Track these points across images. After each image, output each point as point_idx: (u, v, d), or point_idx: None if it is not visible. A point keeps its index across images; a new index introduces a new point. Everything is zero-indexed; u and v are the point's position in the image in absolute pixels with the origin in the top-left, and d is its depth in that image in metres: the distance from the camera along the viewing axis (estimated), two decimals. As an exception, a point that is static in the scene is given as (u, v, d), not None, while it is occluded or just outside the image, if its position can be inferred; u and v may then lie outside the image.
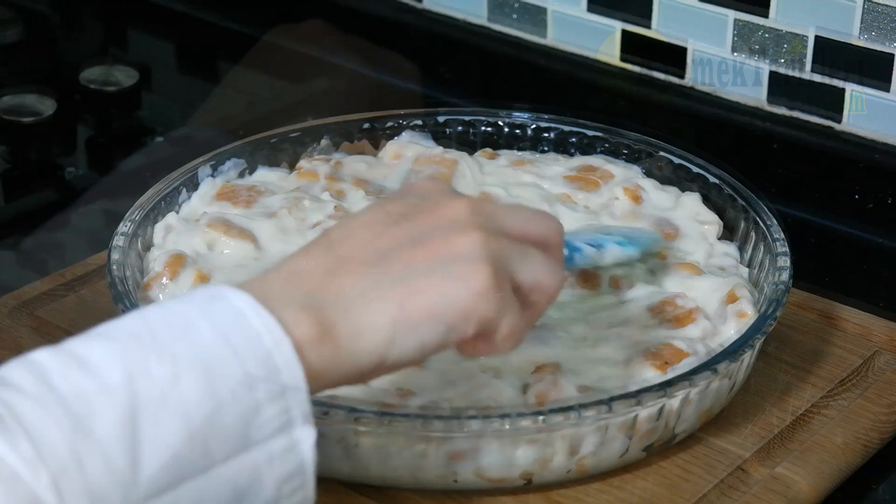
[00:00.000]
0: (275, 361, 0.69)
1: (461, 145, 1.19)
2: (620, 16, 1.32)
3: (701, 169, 1.12)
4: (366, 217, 0.77)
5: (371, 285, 0.73)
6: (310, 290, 0.72)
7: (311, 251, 0.76)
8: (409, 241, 0.75)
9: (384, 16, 1.47)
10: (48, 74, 1.44)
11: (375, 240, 0.75)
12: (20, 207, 1.25)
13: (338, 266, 0.74)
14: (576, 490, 0.90)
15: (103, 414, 0.64)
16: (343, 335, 0.72)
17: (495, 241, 0.76)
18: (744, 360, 0.94)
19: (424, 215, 0.76)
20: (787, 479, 0.91)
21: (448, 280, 0.74)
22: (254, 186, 1.12)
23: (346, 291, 0.73)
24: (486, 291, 0.74)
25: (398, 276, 0.73)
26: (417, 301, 0.73)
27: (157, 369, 0.66)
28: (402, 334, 0.73)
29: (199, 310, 0.70)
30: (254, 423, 0.68)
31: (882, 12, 1.17)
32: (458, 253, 0.74)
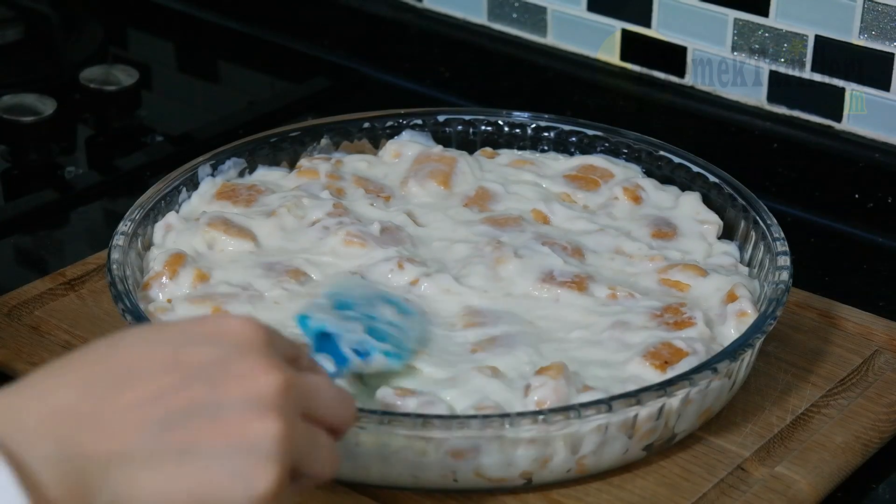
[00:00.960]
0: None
1: (461, 145, 1.19)
2: (620, 15, 1.32)
3: (701, 168, 1.12)
4: (161, 354, 0.67)
5: (142, 456, 0.64)
6: (71, 445, 0.63)
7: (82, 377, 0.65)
8: (203, 409, 0.66)
9: (384, 15, 1.47)
10: (48, 74, 1.44)
11: (167, 395, 0.65)
12: (20, 207, 1.25)
13: (110, 419, 0.64)
14: (576, 489, 0.90)
15: None
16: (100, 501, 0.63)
17: (294, 432, 0.68)
18: (744, 359, 0.94)
19: (229, 383, 0.67)
20: (787, 479, 0.91)
21: (231, 476, 0.65)
22: (254, 185, 1.12)
23: (111, 458, 0.64)
24: (267, 497, 0.66)
25: (179, 451, 0.65)
26: (186, 488, 0.65)
27: None
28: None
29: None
30: None
31: (882, 12, 1.17)
32: (252, 444, 0.66)
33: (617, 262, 1.05)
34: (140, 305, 0.96)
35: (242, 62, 1.56)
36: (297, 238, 1.05)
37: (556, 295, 1.00)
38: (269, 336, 0.70)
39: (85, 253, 1.14)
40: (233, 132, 1.31)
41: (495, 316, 0.98)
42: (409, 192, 1.13)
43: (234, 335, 0.69)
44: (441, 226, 1.09)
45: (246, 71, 1.55)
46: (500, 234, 1.06)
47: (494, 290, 1.01)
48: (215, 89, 1.55)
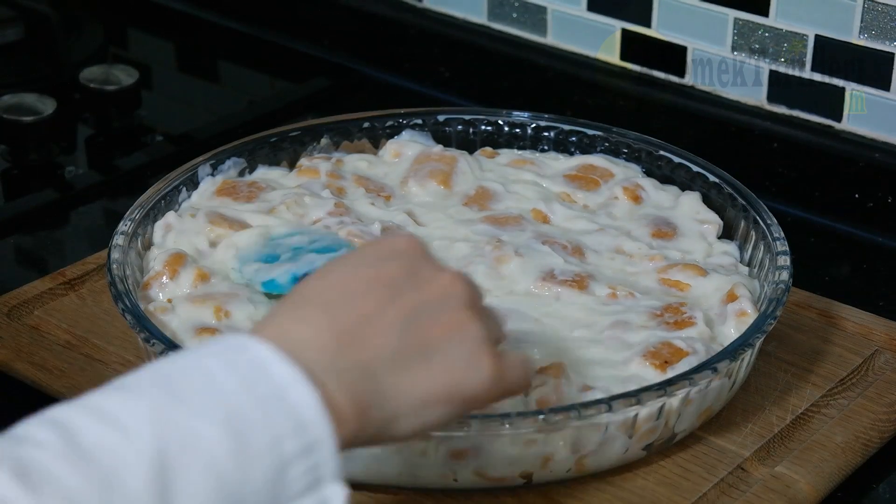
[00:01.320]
0: (302, 416, 0.67)
1: (461, 144, 1.19)
2: (620, 15, 1.32)
3: (701, 168, 1.12)
4: (364, 274, 0.75)
5: (395, 359, 0.72)
6: (333, 354, 0.71)
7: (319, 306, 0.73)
8: (420, 312, 0.74)
9: (384, 15, 1.47)
10: (48, 74, 1.44)
11: (390, 305, 0.73)
12: (20, 206, 1.25)
13: (361, 331, 0.72)
14: (576, 489, 0.90)
15: (132, 468, 0.62)
16: (368, 403, 0.71)
17: (487, 315, 0.77)
18: (744, 359, 0.94)
19: (428, 286, 0.75)
20: (787, 479, 0.91)
21: (466, 364, 0.74)
22: (255, 182, 1.12)
23: (372, 362, 0.72)
24: (497, 377, 0.75)
25: (421, 350, 0.73)
26: (440, 380, 0.73)
27: (183, 422, 0.64)
28: (422, 411, 0.73)
29: (220, 361, 0.67)
30: (283, 479, 0.66)
31: (882, 12, 1.17)
32: (468, 333, 0.75)
33: (617, 262, 1.05)
34: (140, 305, 0.96)
35: (242, 62, 1.56)
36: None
37: (557, 294, 1.00)
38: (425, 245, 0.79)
39: (85, 253, 1.14)
40: (233, 132, 1.31)
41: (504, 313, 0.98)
42: (409, 192, 1.13)
43: (406, 249, 0.77)
44: (442, 225, 1.09)
45: (246, 71, 1.55)
46: (501, 232, 1.06)
47: (497, 289, 1.01)
48: (215, 89, 1.55)
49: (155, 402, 0.65)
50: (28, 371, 1.00)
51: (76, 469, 0.61)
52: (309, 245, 1.01)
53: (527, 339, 0.95)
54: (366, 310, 0.73)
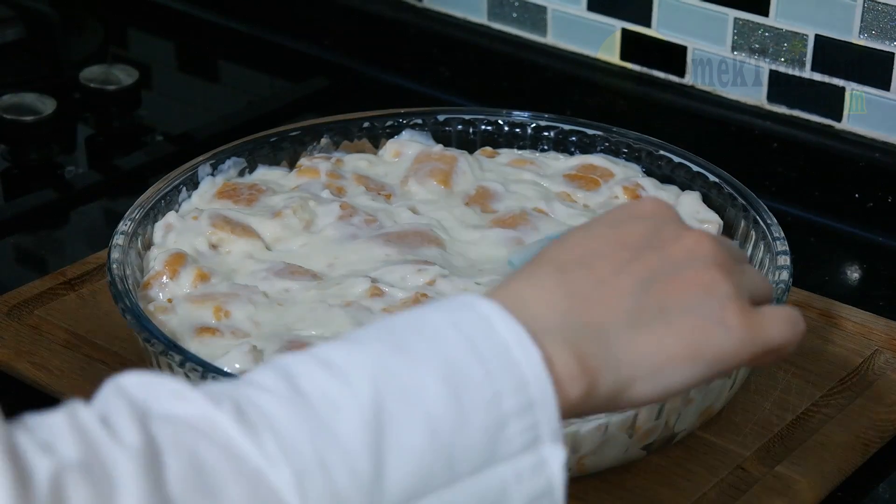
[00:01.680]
0: (524, 374, 0.65)
1: (461, 144, 1.19)
2: (620, 15, 1.32)
3: (701, 168, 1.12)
4: (607, 237, 0.73)
5: (627, 320, 0.70)
6: (566, 318, 0.69)
7: (559, 269, 0.71)
8: (664, 271, 0.71)
9: (384, 15, 1.47)
10: (48, 73, 1.43)
11: (630, 265, 0.71)
12: (20, 206, 1.25)
13: (593, 293, 0.70)
14: (576, 489, 0.89)
15: (349, 416, 0.62)
16: (597, 366, 0.68)
17: (735, 274, 0.73)
18: (744, 359, 0.94)
19: (672, 245, 0.73)
20: (787, 478, 0.91)
21: (709, 321, 0.70)
22: (255, 185, 1.12)
23: (605, 324, 0.69)
24: (749, 339, 0.71)
25: (660, 310, 0.70)
26: (681, 340, 0.70)
27: (404, 374, 0.64)
28: (659, 374, 0.70)
29: (445, 316, 0.67)
30: (500, 436, 0.65)
31: (882, 11, 1.17)
32: (712, 290, 0.71)
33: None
34: (140, 305, 0.96)
35: (242, 62, 1.56)
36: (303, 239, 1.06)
37: None
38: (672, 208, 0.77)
39: (85, 252, 1.14)
40: (233, 132, 1.31)
41: None
42: (409, 191, 1.13)
43: (653, 211, 0.75)
44: (447, 225, 1.09)
45: (246, 70, 1.55)
46: (515, 234, 1.06)
47: None
48: (215, 89, 1.55)
49: (377, 354, 0.65)
50: (28, 371, 1.00)
51: (293, 411, 0.61)
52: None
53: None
54: (602, 271, 0.71)
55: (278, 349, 0.93)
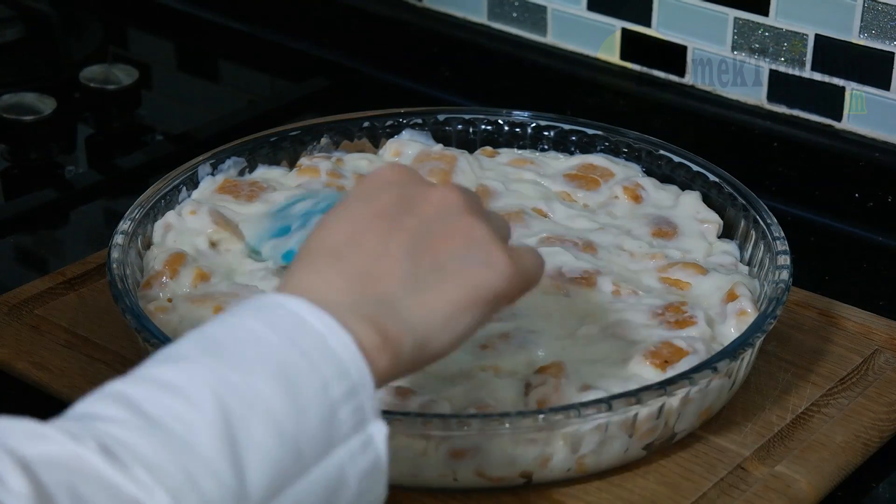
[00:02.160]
0: (342, 361, 0.70)
1: (461, 144, 1.19)
2: (620, 15, 1.32)
3: (701, 168, 1.12)
4: (361, 212, 0.77)
5: (409, 284, 0.74)
6: (353, 295, 0.73)
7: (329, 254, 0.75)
8: (423, 233, 0.76)
9: (384, 14, 1.47)
10: (48, 73, 1.44)
11: (393, 235, 0.76)
12: (20, 206, 1.25)
13: (372, 268, 0.75)
14: (576, 488, 0.90)
15: (202, 430, 0.65)
16: (399, 335, 0.73)
17: (488, 219, 0.79)
18: (744, 358, 0.94)
19: (422, 206, 0.77)
20: (787, 478, 0.91)
21: (482, 266, 0.76)
22: (256, 182, 1.12)
23: (391, 294, 0.74)
24: (509, 269, 0.77)
25: (435, 269, 0.75)
26: (461, 290, 0.75)
27: (240, 382, 0.67)
28: (452, 323, 0.75)
29: (260, 319, 0.71)
30: (333, 422, 0.69)
31: (882, 11, 1.17)
32: (473, 239, 0.77)
33: (622, 258, 1.05)
34: (140, 304, 0.96)
35: (242, 61, 1.56)
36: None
37: (567, 290, 1.00)
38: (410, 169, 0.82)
39: (85, 252, 1.14)
40: (233, 131, 1.31)
41: (510, 311, 0.98)
42: (409, 191, 1.13)
43: (393, 177, 0.80)
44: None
45: (246, 70, 1.55)
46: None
47: None
48: (215, 88, 1.55)
49: (209, 367, 0.68)
50: (28, 370, 1.00)
51: (150, 437, 0.64)
52: (315, 207, 1.03)
53: (533, 339, 0.95)
54: (371, 246, 0.75)
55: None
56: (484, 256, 0.76)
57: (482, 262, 0.76)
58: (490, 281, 0.76)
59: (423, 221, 0.77)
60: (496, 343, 0.95)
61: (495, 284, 0.76)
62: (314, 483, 0.68)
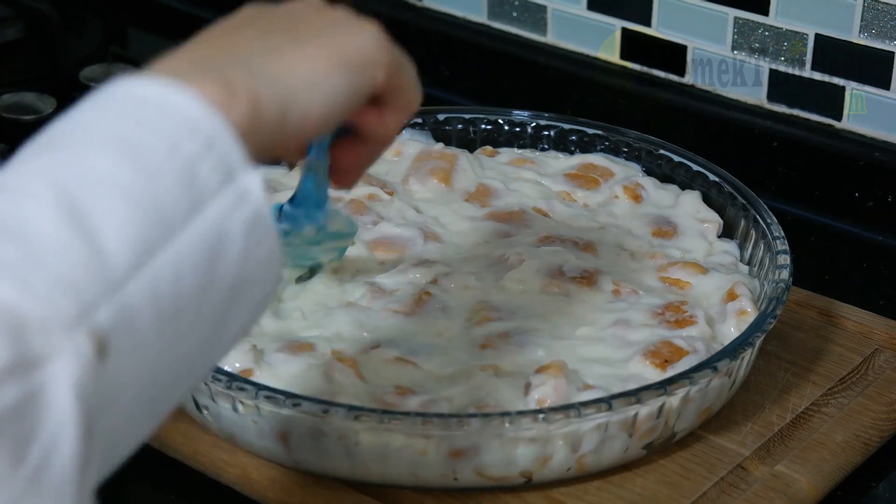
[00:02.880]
0: (188, 117, 0.66)
1: (461, 143, 1.19)
2: (620, 14, 1.32)
3: (701, 167, 1.12)
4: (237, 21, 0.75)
5: (272, 44, 0.72)
6: (205, 55, 0.71)
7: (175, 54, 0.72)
8: (300, 19, 0.75)
9: (384, 14, 1.47)
10: (48, 73, 1.43)
11: (273, 16, 0.74)
12: (20, 206, 1.25)
13: (232, 32, 0.73)
14: (576, 488, 0.90)
15: (38, 216, 0.61)
16: (249, 85, 0.69)
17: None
18: (744, 358, 0.94)
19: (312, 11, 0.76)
20: (787, 478, 0.91)
21: (349, 32, 0.74)
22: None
23: (246, 50, 0.71)
24: (384, 41, 0.75)
25: (299, 35, 0.73)
26: (323, 50, 0.73)
27: (76, 164, 0.64)
28: (314, 84, 0.72)
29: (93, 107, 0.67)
30: (195, 180, 0.65)
31: (882, 11, 1.17)
32: (336, 17, 0.75)
33: (622, 258, 1.05)
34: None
35: (242, 61, 1.56)
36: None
37: (566, 290, 1.00)
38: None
39: (85, 252, 1.13)
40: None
41: (510, 311, 0.98)
42: (410, 189, 1.13)
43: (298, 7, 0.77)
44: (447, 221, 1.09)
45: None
46: (508, 229, 1.06)
47: (511, 286, 1.01)
48: (215, 88, 1.54)
49: (43, 161, 0.65)
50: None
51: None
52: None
53: (533, 339, 0.95)
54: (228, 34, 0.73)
55: (278, 349, 0.94)
56: (349, 25, 0.75)
57: (347, 27, 0.75)
58: (357, 42, 0.74)
59: (287, 11, 0.75)
60: (496, 343, 0.95)
61: (362, 45, 0.74)
62: (190, 244, 0.64)
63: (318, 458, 0.88)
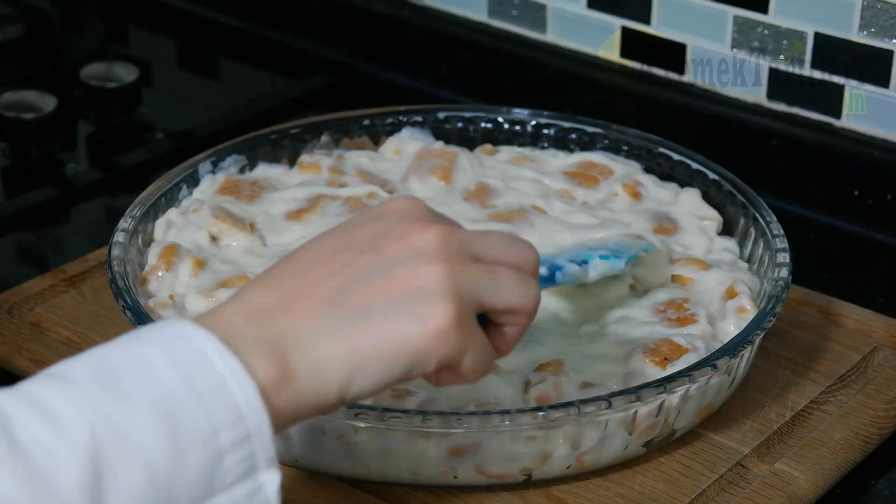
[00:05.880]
0: (239, 408, 0.67)
1: (461, 142, 1.19)
2: (620, 13, 1.32)
3: (700, 165, 1.12)
4: (334, 241, 0.74)
5: (328, 324, 0.71)
6: (271, 329, 0.70)
7: (274, 280, 0.73)
8: (373, 273, 0.72)
9: (384, 12, 1.47)
10: (49, 71, 1.44)
11: (342, 270, 0.72)
12: (21, 204, 1.25)
13: (298, 300, 0.71)
14: (576, 486, 0.90)
15: (66, 467, 0.62)
16: (302, 376, 0.70)
17: (462, 272, 0.73)
18: (743, 356, 0.94)
19: (392, 245, 0.73)
20: (787, 475, 0.91)
21: (404, 319, 0.71)
22: (256, 181, 1.12)
23: (304, 331, 0.70)
24: (445, 331, 0.72)
25: (355, 314, 0.71)
26: (371, 341, 0.71)
27: (120, 417, 0.64)
28: (359, 373, 0.71)
29: (161, 351, 0.67)
30: (217, 470, 0.66)
31: (881, 9, 1.17)
32: (419, 287, 0.71)
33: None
34: (140, 302, 0.96)
35: (243, 59, 1.56)
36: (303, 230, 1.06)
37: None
38: (429, 208, 0.76)
39: (86, 250, 1.14)
40: (233, 129, 1.31)
41: None
42: (410, 188, 1.13)
43: (395, 209, 0.75)
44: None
45: (246, 68, 1.56)
46: (510, 228, 1.06)
47: None
48: (216, 86, 1.55)
49: (93, 396, 0.65)
50: (29, 368, 1.00)
51: (13, 468, 0.61)
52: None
53: (533, 336, 0.96)
54: (310, 278, 0.72)
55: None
56: (419, 308, 0.71)
57: (413, 313, 0.71)
58: (413, 336, 0.71)
59: (379, 261, 0.72)
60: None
61: (418, 341, 0.71)
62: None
63: (319, 456, 0.89)
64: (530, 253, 0.78)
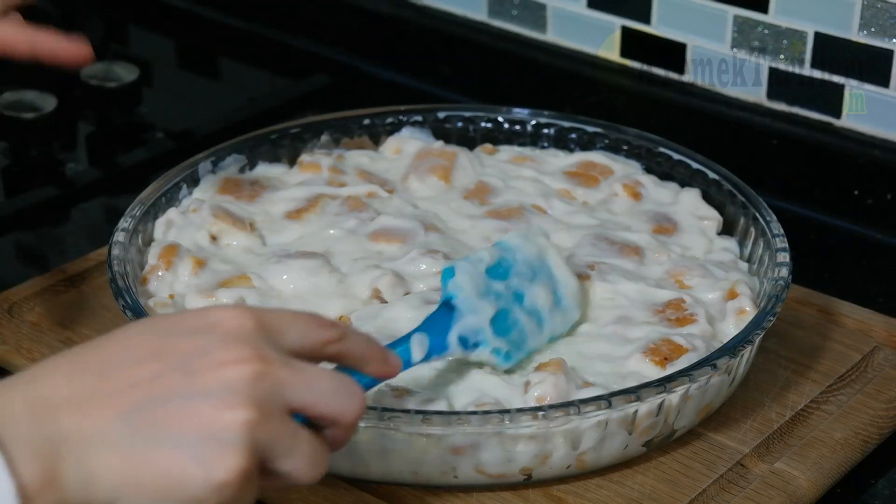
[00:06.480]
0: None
1: (461, 141, 1.19)
2: (620, 12, 1.32)
3: (700, 165, 1.12)
4: (151, 343, 0.69)
5: (114, 438, 0.66)
6: (51, 427, 0.65)
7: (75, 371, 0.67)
8: (178, 396, 0.66)
9: (384, 12, 1.47)
10: (49, 70, 1.43)
11: (148, 382, 0.67)
12: (21, 203, 1.25)
13: (92, 401, 0.66)
14: (576, 485, 0.90)
15: None
16: (70, 485, 0.65)
17: (266, 423, 0.67)
18: (743, 355, 0.94)
19: (206, 374, 0.67)
20: (787, 475, 0.91)
21: (190, 462, 0.66)
22: (257, 181, 1.12)
23: (85, 438, 0.65)
24: (228, 487, 0.66)
25: (145, 437, 0.66)
26: (150, 472, 0.66)
27: None
28: (127, 500, 0.66)
29: None
30: None
31: (881, 9, 1.17)
32: (216, 432, 0.66)
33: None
34: (140, 301, 0.96)
35: (243, 59, 1.56)
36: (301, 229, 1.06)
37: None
38: (263, 326, 0.70)
39: (85, 249, 1.14)
40: (233, 129, 1.31)
41: None
42: (410, 187, 1.13)
43: (224, 326, 0.69)
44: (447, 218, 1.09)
45: (246, 67, 1.56)
46: (507, 226, 1.06)
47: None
48: (216, 86, 1.55)
49: None
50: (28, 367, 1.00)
51: None
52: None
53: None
54: (111, 384, 0.67)
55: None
56: (209, 454, 0.66)
57: (202, 458, 0.66)
58: (193, 483, 0.66)
59: (188, 386, 0.67)
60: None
61: (197, 489, 0.66)
62: None
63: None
64: (352, 411, 0.71)
